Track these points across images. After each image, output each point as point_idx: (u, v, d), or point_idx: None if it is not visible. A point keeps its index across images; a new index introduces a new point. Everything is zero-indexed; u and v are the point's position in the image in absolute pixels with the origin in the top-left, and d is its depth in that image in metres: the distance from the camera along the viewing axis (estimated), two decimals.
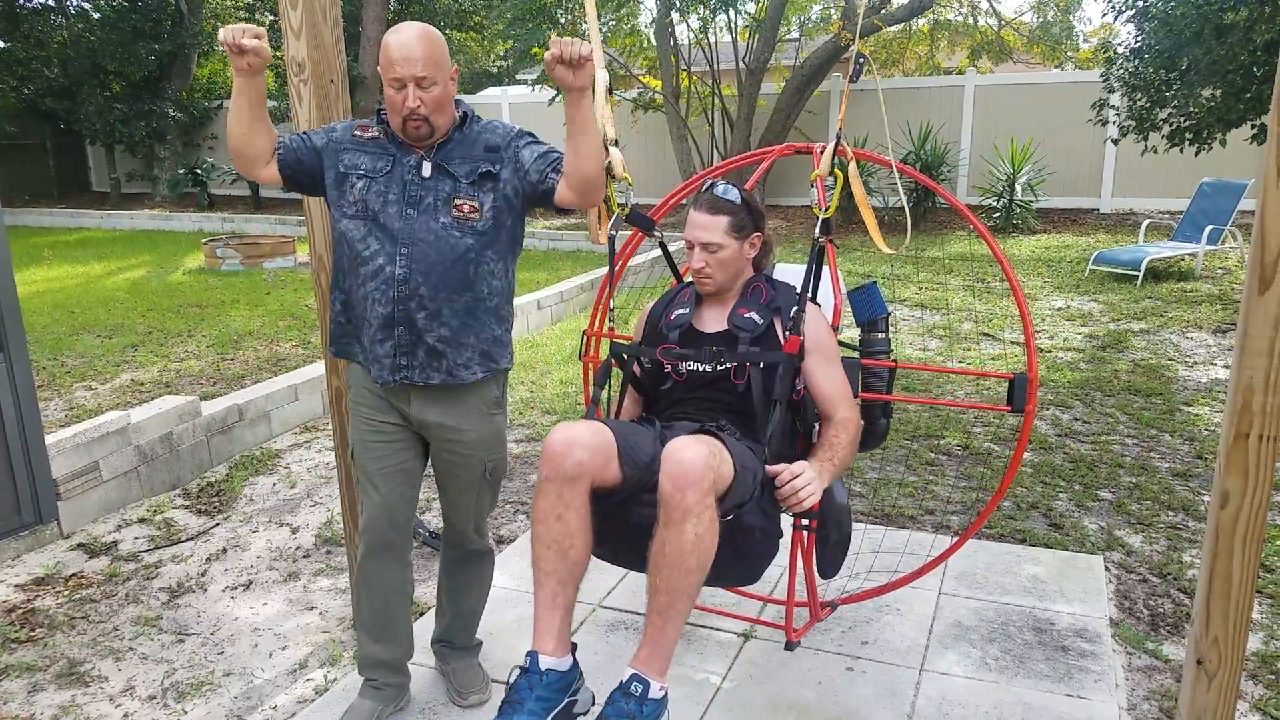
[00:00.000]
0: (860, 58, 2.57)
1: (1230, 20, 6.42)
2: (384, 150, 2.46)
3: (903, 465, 4.71)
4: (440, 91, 2.35)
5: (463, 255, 2.42)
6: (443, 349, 2.45)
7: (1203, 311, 7.84)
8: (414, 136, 2.40)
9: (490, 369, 2.54)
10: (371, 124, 2.51)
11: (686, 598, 2.10)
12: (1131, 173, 12.93)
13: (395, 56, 2.30)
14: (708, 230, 2.54)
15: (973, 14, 17.04)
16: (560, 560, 2.17)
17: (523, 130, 2.53)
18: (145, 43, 17.49)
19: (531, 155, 2.45)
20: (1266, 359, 1.84)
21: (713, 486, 2.08)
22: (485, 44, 21.31)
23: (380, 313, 2.43)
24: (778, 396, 2.38)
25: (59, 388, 6.15)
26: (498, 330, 2.54)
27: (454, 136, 2.46)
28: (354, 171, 2.46)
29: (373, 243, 2.43)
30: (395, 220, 2.42)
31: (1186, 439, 4.97)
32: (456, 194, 2.42)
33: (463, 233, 2.42)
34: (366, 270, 2.43)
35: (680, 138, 14.17)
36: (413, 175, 2.44)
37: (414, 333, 2.43)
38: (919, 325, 7.62)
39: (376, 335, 2.46)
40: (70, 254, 12.68)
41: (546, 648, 2.16)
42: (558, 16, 14.02)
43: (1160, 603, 3.40)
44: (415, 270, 2.40)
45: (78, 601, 3.52)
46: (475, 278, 2.45)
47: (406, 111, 2.34)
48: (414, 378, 2.47)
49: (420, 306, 2.42)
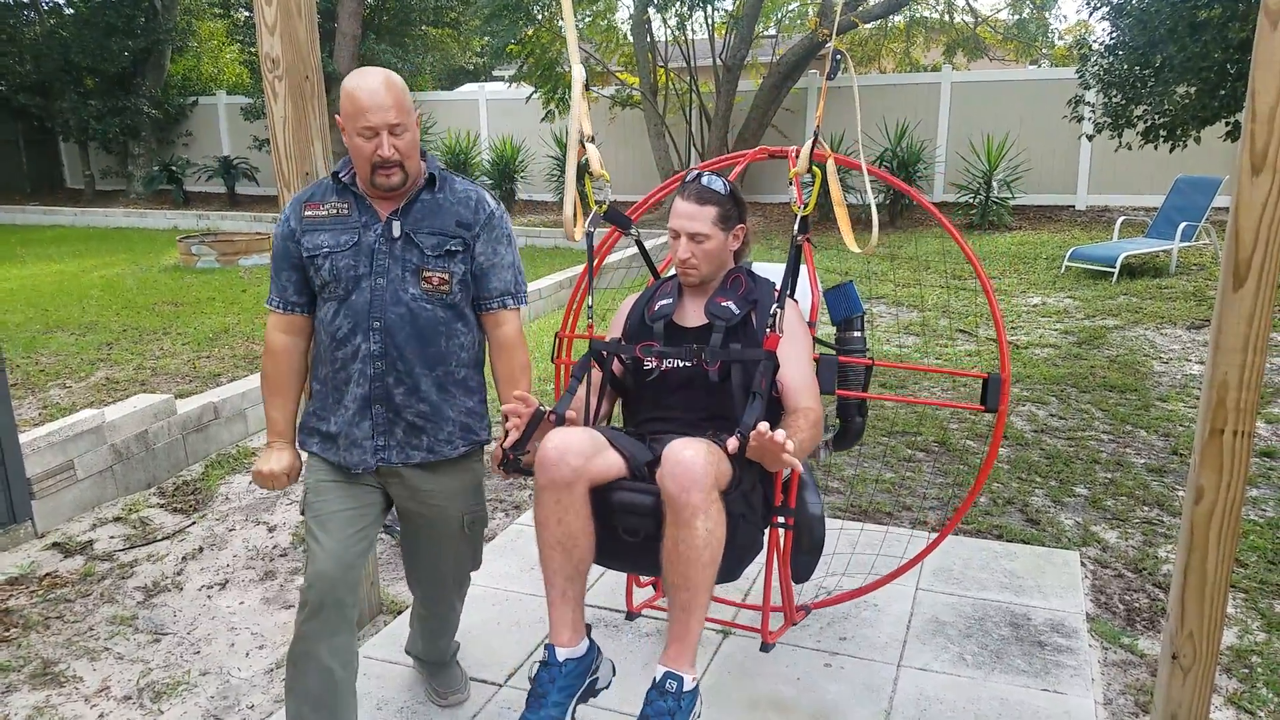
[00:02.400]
0: (837, 54, 2.57)
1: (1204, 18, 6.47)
2: (345, 224, 2.35)
3: (879, 461, 4.73)
4: (411, 137, 2.27)
5: (435, 326, 2.36)
6: (423, 424, 2.39)
7: (1178, 308, 7.91)
8: (385, 187, 2.29)
9: (472, 441, 2.48)
10: (321, 198, 2.38)
11: (705, 591, 2.16)
12: (1107, 170, 13.04)
13: (367, 104, 2.20)
14: (695, 220, 2.53)
15: (949, 11, 17.11)
16: (566, 559, 2.23)
17: (495, 213, 2.44)
18: (119, 39, 17.31)
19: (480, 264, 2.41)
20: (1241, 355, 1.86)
21: (715, 483, 2.13)
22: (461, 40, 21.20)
23: (358, 393, 2.35)
24: (755, 389, 2.39)
25: (33, 386, 6.07)
26: (469, 402, 2.47)
27: (422, 198, 2.37)
28: (318, 253, 2.34)
29: (344, 322, 2.33)
30: (365, 294, 2.32)
31: (1162, 435, 5.02)
32: (425, 266, 2.33)
33: (433, 304, 2.35)
34: (344, 353, 2.35)
35: (658, 134, 14.16)
36: (381, 241, 2.33)
37: (392, 410, 2.36)
38: (895, 322, 7.65)
39: (354, 418, 2.37)
40: (44, 252, 12.53)
41: (563, 639, 2.24)
42: (534, 12, 13.97)
43: (1136, 598, 3.43)
44: (390, 345, 2.32)
45: (52, 601, 3.48)
46: (447, 350, 2.39)
47: (378, 160, 2.24)
48: (392, 458, 2.39)
49: (398, 382, 2.35)
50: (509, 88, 16.14)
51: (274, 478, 2.45)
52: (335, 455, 2.40)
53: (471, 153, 15.76)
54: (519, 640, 3.14)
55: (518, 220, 13.81)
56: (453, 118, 16.69)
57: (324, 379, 2.41)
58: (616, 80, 15.01)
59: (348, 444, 2.38)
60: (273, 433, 2.47)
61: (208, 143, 18.55)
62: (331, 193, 2.39)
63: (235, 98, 18.44)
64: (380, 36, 17.87)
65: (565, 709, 2.17)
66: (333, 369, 2.37)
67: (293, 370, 2.45)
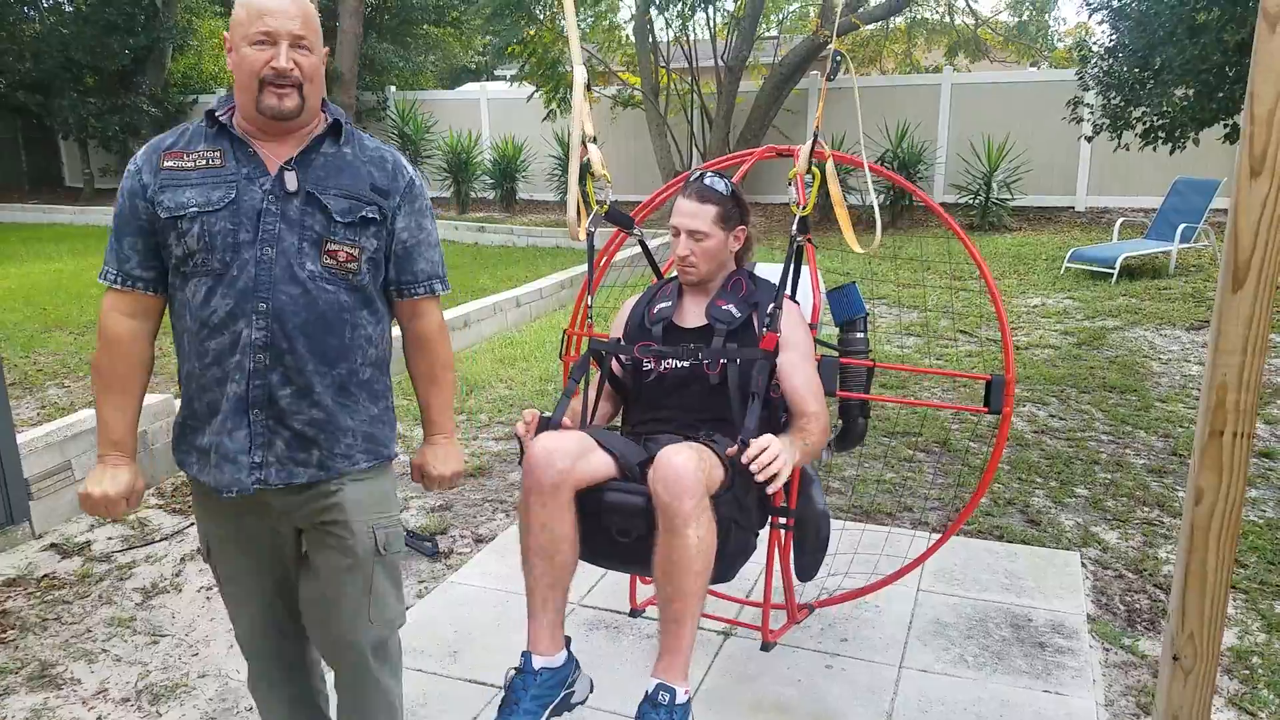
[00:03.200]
0: (837, 55, 2.57)
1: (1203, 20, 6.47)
2: (217, 176, 1.86)
3: (881, 462, 4.73)
4: (317, 62, 1.86)
5: (338, 314, 1.90)
6: (314, 434, 1.91)
7: (1177, 309, 7.91)
8: (276, 111, 1.83)
9: (380, 455, 2.02)
10: (187, 146, 1.90)
11: (697, 599, 2.16)
12: (1106, 171, 13.04)
13: (268, 6, 1.79)
14: (695, 218, 2.55)
15: (949, 12, 17.12)
16: (548, 565, 2.22)
17: (415, 181, 2.02)
18: (119, 37, 17.30)
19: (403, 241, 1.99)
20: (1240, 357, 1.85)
21: (707, 489, 2.13)
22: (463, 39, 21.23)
23: (233, 392, 1.86)
24: (754, 390, 2.39)
25: (31, 386, 6.07)
26: (374, 408, 2.01)
27: (324, 149, 1.92)
28: (182, 214, 1.84)
29: (221, 304, 1.84)
30: (248, 267, 1.83)
31: (1161, 436, 5.02)
32: (330, 236, 1.88)
33: (336, 286, 1.89)
34: (219, 343, 1.86)
35: (660, 134, 14.16)
36: (270, 201, 1.85)
37: (274, 415, 1.88)
38: (896, 322, 7.65)
39: (226, 424, 1.87)
40: (43, 250, 12.52)
41: (540, 647, 2.23)
42: (535, 12, 13.98)
43: (1136, 599, 3.43)
44: (279, 334, 1.85)
45: (50, 603, 3.48)
46: (351, 344, 1.93)
47: (270, 73, 1.80)
48: (270, 478, 1.90)
49: (285, 381, 1.87)
50: (510, 87, 16.15)
51: (106, 503, 1.92)
52: (207, 476, 1.92)
53: (473, 152, 15.76)
54: (519, 642, 3.13)
55: (519, 220, 13.81)
56: (454, 117, 16.68)
57: (192, 376, 1.92)
58: (618, 80, 15.01)
59: (218, 459, 1.89)
60: (105, 442, 1.95)
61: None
62: (201, 138, 1.90)
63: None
64: (382, 35, 17.91)
65: (537, 718, 2.16)
66: (202, 364, 1.88)
67: (134, 363, 1.96)
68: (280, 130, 1.89)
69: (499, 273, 10.32)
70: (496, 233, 13.01)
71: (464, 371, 6.42)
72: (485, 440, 5.15)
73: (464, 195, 15.63)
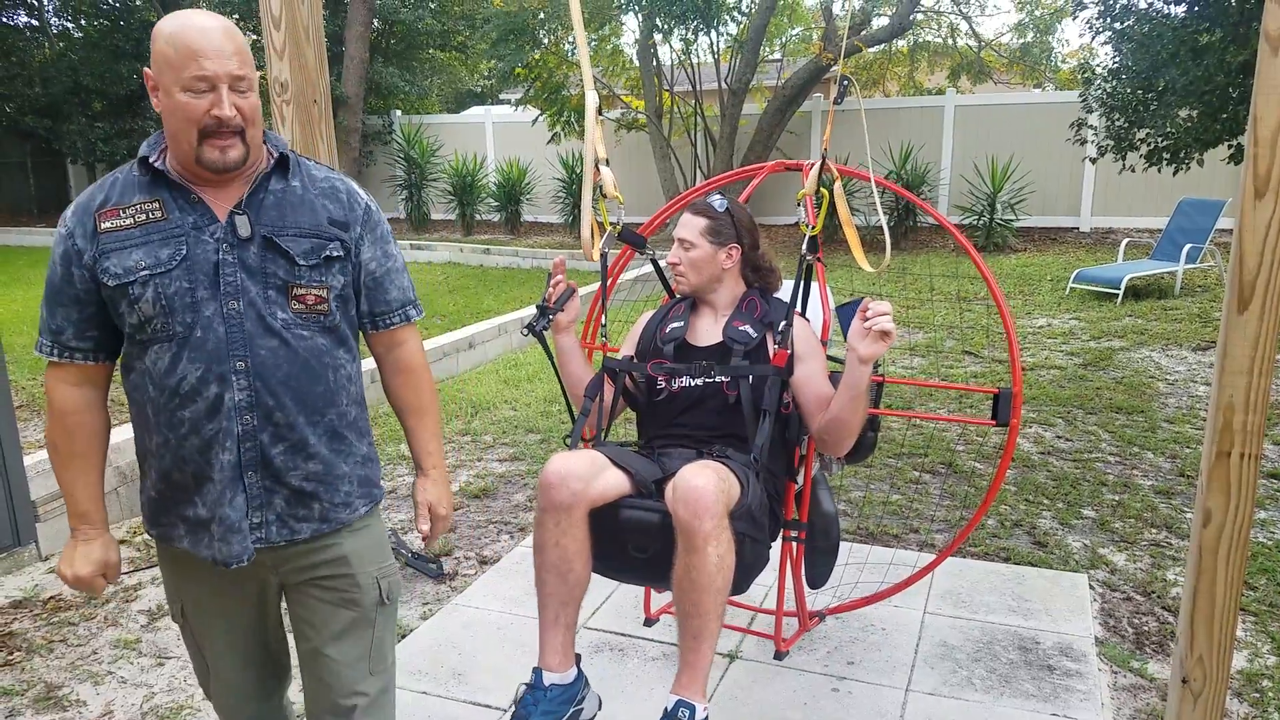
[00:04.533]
0: (845, 80, 2.60)
1: (1206, 42, 6.50)
2: (161, 231, 1.71)
3: (887, 484, 4.72)
4: (256, 101, 1.72)
5: (319, 359, 1.79)
6: (313, 488, 1.81)
7: (1183, 329, 7.90)
8: (218, 165, 1.69)
9: (374, 496, 1.94)
10: (121, 199, 1.73)
11: (716, 617, 2.19)
12: (1110, 192, 13.06)
13: (201, 47, 1.63)
14: (685, 228, 2.68)
15: (952, 35, 17.21)
16: (561, 583, 2.26)
17: (371, 208, 1.89)
18: (128, 62, 17.44)
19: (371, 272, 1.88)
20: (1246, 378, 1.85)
21: (726, 509, 2.17)
22: (469, 64, 21.37)
23: (225, 460, 1.74)
24: (766, 407, 2.44)
25: (39, 409, 6.09)
26: (363, 448, 1.91)
27: (272, 186, 1.78)
28: (132, 280, 1.69)
29: (190, 369, 1.71)
30: (216, 326, 1.70)
31: (1169, 456, 5.00)
32: (295, 281, 1.75)
33: (311, 331, 1.78)
34: (193, 411, 1.72)
35: (663, 156, 14.23)
36: (224, 251, 1.71)
37: (270, 476, 1.77)
38: (903, 342, 7.64)
39: (224, 495, 1.75)
40: None
41: (551, 664, 2.27)
42: (540, 37, 14.08)
43: (1145, 621, 3.41)
44: (263, 391, 1.73)
45: (56, 625, 3.48)
46: (335, 387, 1.83)
47: (212, 122, 1.65)
48: (272, 536, 1.80)
49: (277, 438, 1.76)
50: (515, 110, 16.25)
51: (86, 583, 1.83)
52: (209, 549, 1.78)
53: (478, 175, 15.84)
54: (525, 664, 3.12)
55: (524, 242, 13.86)
56: (459, 140, 16.78)
57: (166, 447, 1.76)
58: (622, 104, 15.09)
59: (223, 531, 1.76)
60: (74, 516, 1.83)
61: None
62: (134, 189, 1.74)
63: None
64: (388, 60, 18.04)
65: None
66: (177, 435, 1.74)
67: (89, 432, 1.83)
68: (225, 178, 1.75)
69: (504, 294, 10.36)
70: (501, 255, 13.05)
71: (469, 393, 6.42)
72: (490, 462, 5.15)
73: (469, 218, 15.71)
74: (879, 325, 2.23)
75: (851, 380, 2.34)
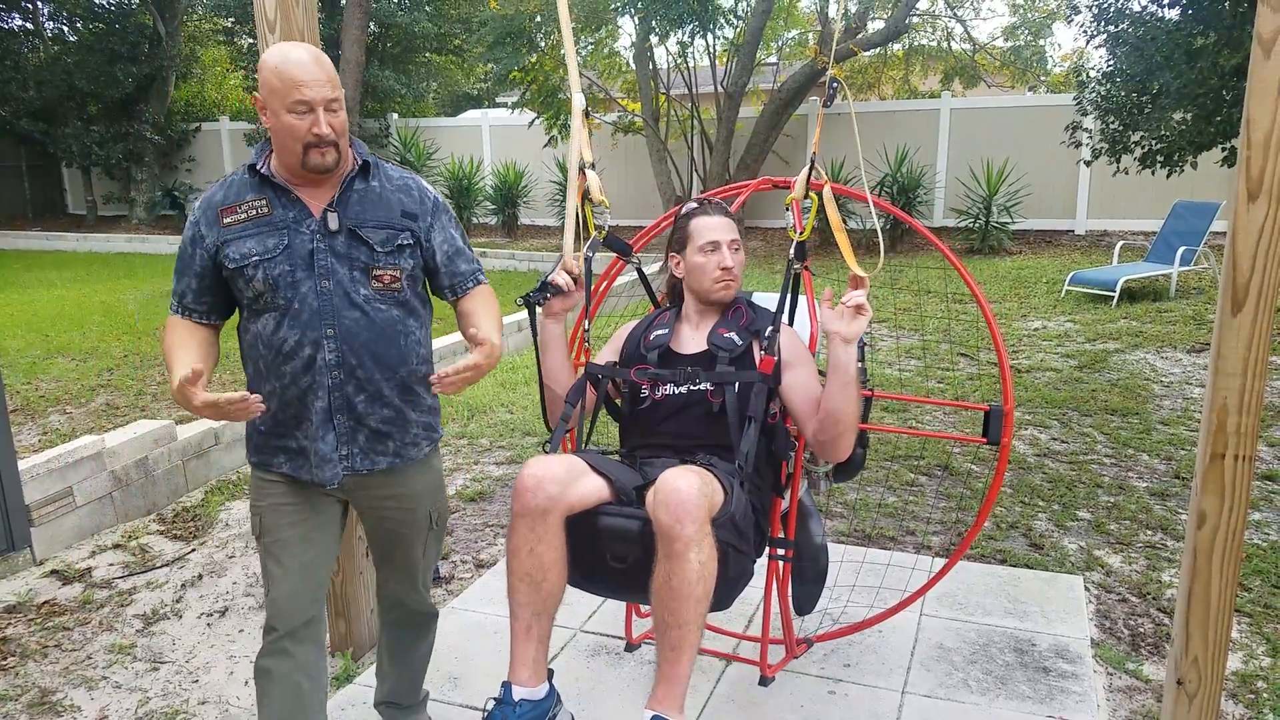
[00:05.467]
0: (834, 82, 2.59)
1: (1199, 45, 6.52)
2: (270, 225, 2.15)
3: (882, 486, 4.72)
4: (345, 117, 2.14)
5: (393, 327, 2.23)
6: (388, 429, 2.27)
7: (1178, 331, 7.92)
8: (319, 168, 2.12)
9: (434, 440, 2.41)
10: (238, 198, 2.18)
11: (696, 628, 2.11)
12: (1106, 194, 13.08)
13: (302, 77, 2.04)
14: (731, 230, 2.63)
15: (947, 39, 17.25)
16: (534, 592, 2.18)
17: (439, 201, 2.34)
18: (123, 65, 17.44)
19: (445, 252, 2.32)
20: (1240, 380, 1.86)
21: (709, 514, 2.10)
22: (465, 67, 21.37)
23: (318, 406, 2.19)
24: (752, 414, 2.39)
25: (33, 412, 6.08)
26: (430, 399, 2.38)
27: (356, 186, 2.21)
28: (246, 263, 2.15)
29: (290, 334, 2.16)
30: (311, 300, 2.15)
31: (1164, 458, 5.01)
32: (374, 264, 2.19)
33: (387, 304, 2.22)
34: (293, 366, 2.17)
35: (660, 160, 14.23)
36: (318, 241, 2.16)
37: (354, 418, 2.22)
38: (896, 345, 7.65)
39: (317, 432, 2.21)
40: (45, 277, 12.57)
41: (521, 678, 2.17)
42: (537, 40, 14.08)
43: (1140, 622, 3.41)
44: (348, 352, 2.18)
45: (50, 630, 3.47)
46: (406, 349, 2.27)
47: (312, 139, 2.07)
48: (357, 465, 2.26)
49: (359, 389, 2.21)
50: (512, 114, 16.24)
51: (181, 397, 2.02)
52: (307, 473, 2.25)
53: (475, 178, 15.84)
54: None
55: (521, 245, 13.85)
56: (456, 143, 16.78)
57: (273, 394, 2.21)
58: (619, 107, 15.10)
59: (318, 460, 2.22)
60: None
61: (211, 168, 18.64)
62: (247, 189, 2.19)
63: (238, 124, 18.57)
64: (384, 63, 18.02)
65: None
66: (281, 384, 2.20)
67: (200, 338, 2.22)
68: (320, 179, 2.17)
69: (501, 297, 10.27)
70: (498, 258, 13.05)
71: (465, 396, 6.42)
72: (486, 465, 5.15)
73: (466, 221, 15.70)
74: (853, 300, 2.21)
75: (837, 364, 2.29)
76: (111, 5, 18.48)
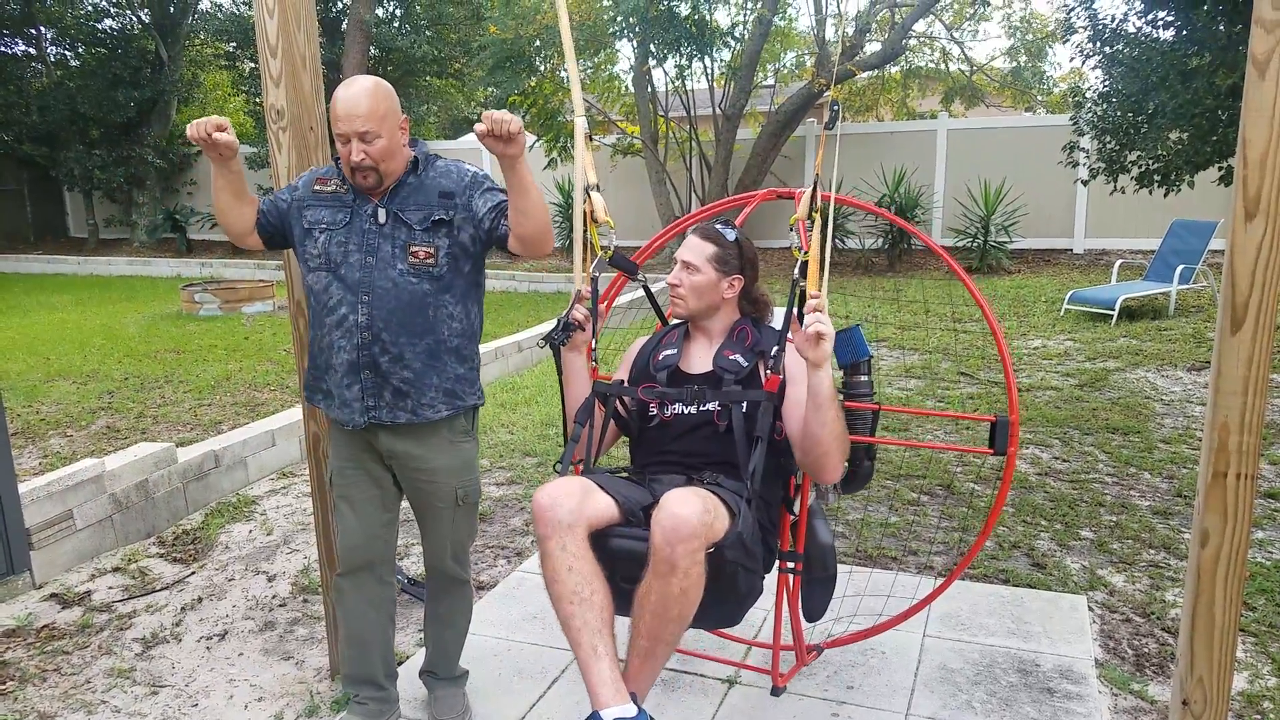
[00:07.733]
0: (835, 106, 2.62)
1: (1194, 65, 6.55)
2: (342, 203, 2.57)
3: (885, 506, 4.71)
4: (385, 144, 2.43)
5: (421, 300, 2.53)
6: (407, 389, 2.56)
7: (1178, 349, 7.92)
8: (363, 186, 2.50)
9: (456, 406, 2.63)
10: (330, 176, 2.62)
11: (666, 646, 2.13)
12: (1104, 213, 13.13)
13: (340, 112, 2.40)
14: (691, 251, 2.66)
15: (944, 60, 17.34)
16: (587, 610, 2.11)
17: (478, 175, 2.61)
18: (125, 89, 17.54)
19: (485, 204, 2.54)
20: (1241, 398, 1.86)
21: (704, 544, 2.09)
22: (465, 90, 21.48)
23: (345, 359, 2.55)
24: (759, 433, 2.40)
25: (34, 435, 6.07)
26: (460, 369, 2.63)
27: (408, 181, 2.55)
28: (316, 227, 2.58)
29: (335, 293, 2.54)
30: (355, 270, 2.52)
31: (1166, 477, 5.00)
32: (412, 241, 2.52)
33: (419, 278, 2.52)
34: (332, 320, 2.55)
35: (659, 181, 14.29)
36: (370, 224, 2.54)
37: (379, 375, 2.54)
38: (898, 364, 7.66)
39: (344, 380, 2.57)
40: (47, 300, 12.59)
41: (605, 699, 2.05)
42: (536, 64, 14.17)
43: (1144, 642, 3.40)
44: (376, 317, 2.51)
45: (49, 653, 3.45)
46: (435, 320, 2.55)
47: (352, 165, 2.44)
48: (382, 417, 2.58)
49: (383, 351, 2.53)
50: None
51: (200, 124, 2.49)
52: (336, 413, 2.64)
53: None
54: (522, 691, 3.11)
55: (521, 266, 13.88)
56: None
57: (316, 340, 2.63)
58: (618, 129, 15.17)
59: (341, 404, 2.60)
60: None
61: (212, 191, 18.71)
62: (337, 174, 2.61)
63: (240, 147, 18.63)
64: None
65: None
66: (322, 332, 2.59)
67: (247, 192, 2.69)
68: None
69: (501, 317, 10.36)
70: (498, 278, 13.08)
71: None
72: (487, 486, 5.14)
73: None
74: (813, 327, 2.21)
75: (809, 388, 2.30)
76: (114, 30, 18.60)
